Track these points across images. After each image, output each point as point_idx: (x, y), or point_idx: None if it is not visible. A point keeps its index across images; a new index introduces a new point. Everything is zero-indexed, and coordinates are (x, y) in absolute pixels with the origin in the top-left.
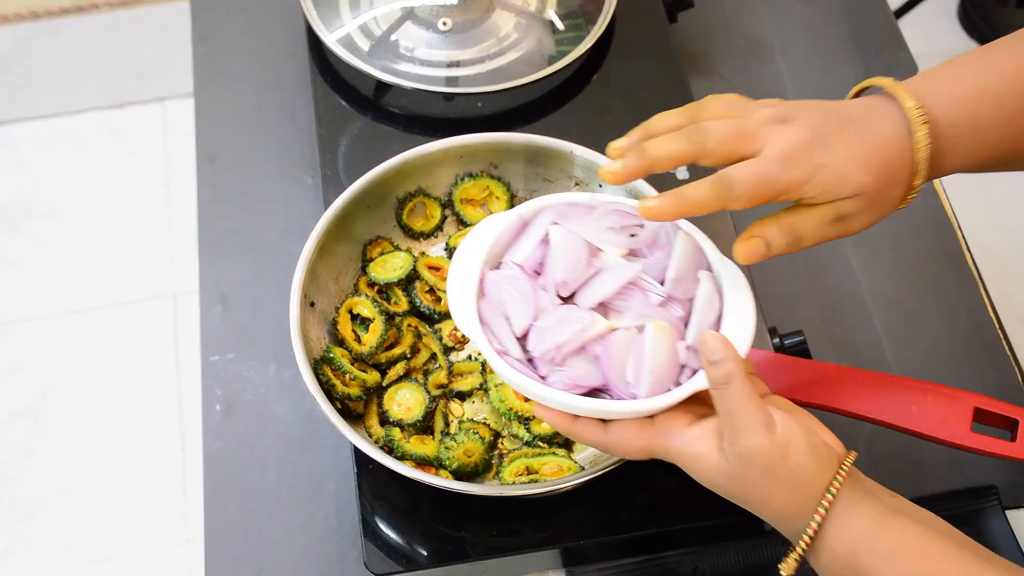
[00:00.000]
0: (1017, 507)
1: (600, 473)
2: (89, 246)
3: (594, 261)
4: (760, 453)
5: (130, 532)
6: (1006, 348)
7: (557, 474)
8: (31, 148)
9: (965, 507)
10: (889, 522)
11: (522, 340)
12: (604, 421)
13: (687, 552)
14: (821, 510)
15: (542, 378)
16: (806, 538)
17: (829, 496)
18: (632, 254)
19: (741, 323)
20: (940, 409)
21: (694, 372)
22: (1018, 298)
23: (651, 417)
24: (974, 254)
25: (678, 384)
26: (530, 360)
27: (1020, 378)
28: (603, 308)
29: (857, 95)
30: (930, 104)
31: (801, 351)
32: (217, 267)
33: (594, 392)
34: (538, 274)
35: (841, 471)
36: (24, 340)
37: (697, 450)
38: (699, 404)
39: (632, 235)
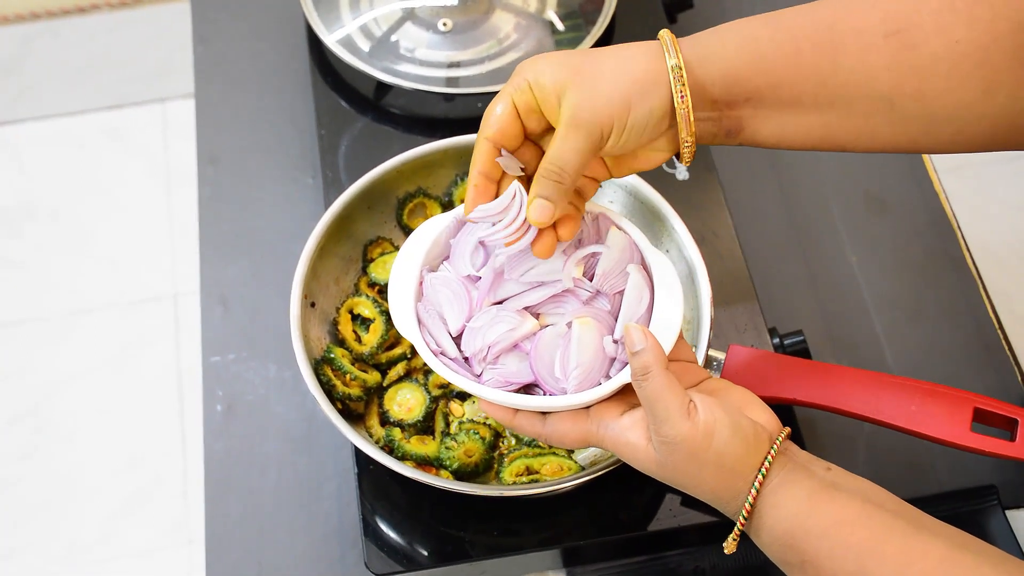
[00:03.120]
0: (1017, 507)
1: (600, 473)
2: (90, 247)
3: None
4: (684, 440)
5: (132, 533)
6: (1006, 348)
7: (557, 474)
8: (32, 149)
9: (965, 507)
10: (824, 498)
11: (458, 340)
12: (543, 413)
13: (687, 552)
14: (753, 490)
15: (477, 376)
16: (741, 519)
17: (759, 476)
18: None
19: (669, 317)
20: (940, 409)
21: (624, 365)
22: (1018, 298)
23: (587, 408)
24: (974, 254)
25: (608, 377)
26: (467, 359)
27: (1020, 378)
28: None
29: None
30: (693, 38)
31: (801, 351)
32: (218, 268)
33: (528, 388)
34: (478, 277)
35: (771, 450)
36: (26, 342)
37: (627, 439)
38: (632, 394)
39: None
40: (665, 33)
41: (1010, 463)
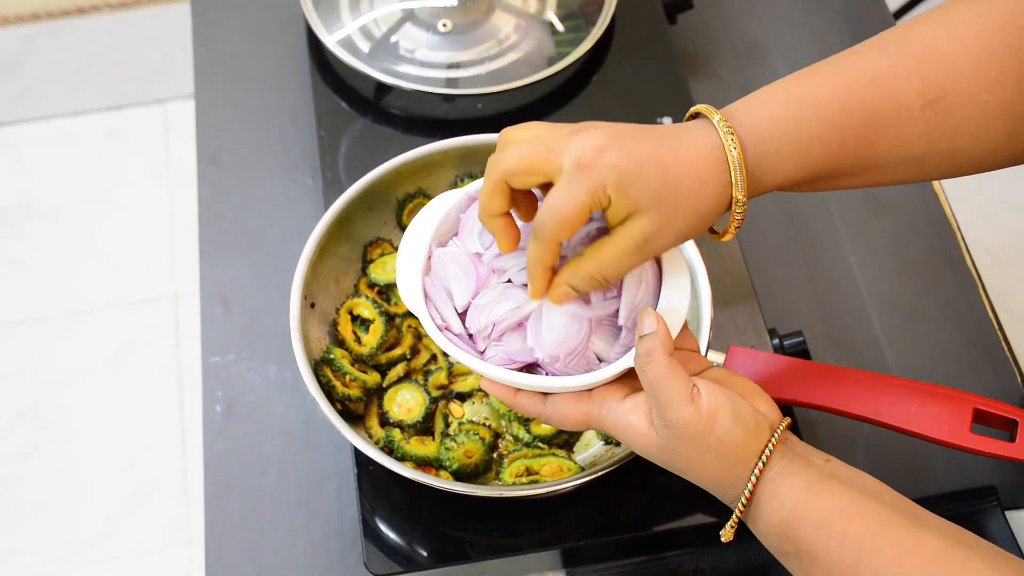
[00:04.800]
0: (1016, 508)
1: (600, 474)
2: (90, 247)
3: None
4: (686, 425)
5: (132, 532)
6: (1005, 349)
7: (557, 475)
8: (32, 150)
9: (964, 508)
10: (823, 488)
11: (463, 316)
12: (544, 393)
13: (687, 552)
14: (753, 478)
15: (481, 353)
16: (740, 505)
17: (760, 464)
18: None
19: (675, 302)
20: (939, 410)
21: (627, 349)
22: (1017, 299)
23: (589, 390)
24: (973, 255)
25: (594, 345)
26: (471, 335)
27: (1019, 379)
28: None
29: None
30: (738, 117)
31: (800, 352)
32: (218, 268)
33: (531, 367)
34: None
35: (772, 438)
36: (26, 341)
37: (629, 422)
38: (635, 379)
39: None
40: (734, 156)
41: (1010, 464)
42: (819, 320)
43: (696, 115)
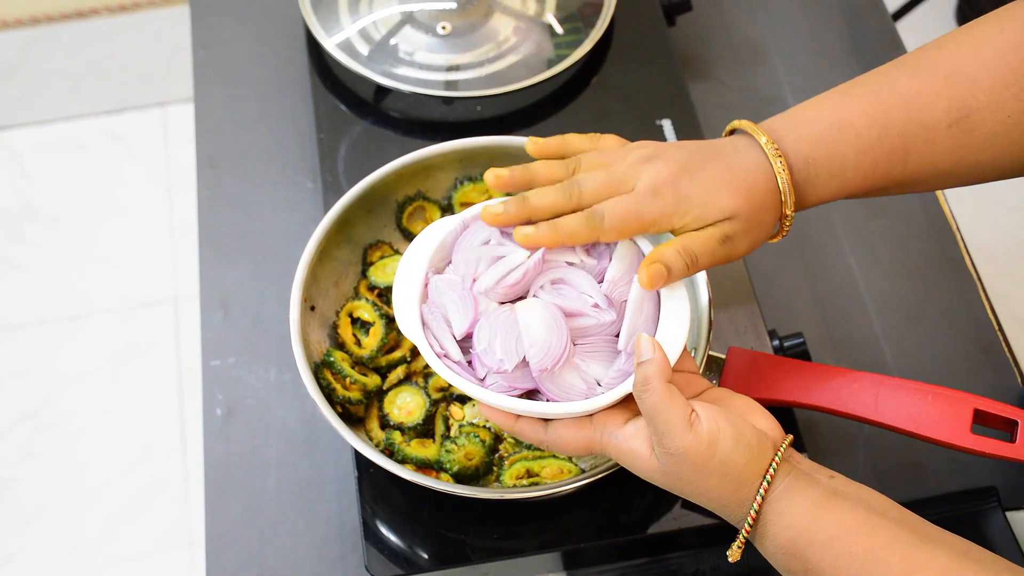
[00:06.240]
0: (1017, 508)
1: (600, 476)
2: (91, 251)
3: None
4: (686, 452)
5: (132, 535)
6: (1005, 350)
7: (557, 477)
8: (32, 153)
9: (965, 509)
10: (828, 506)
11: (461, 342)
12: (545, 420)
13: (688, 554)
14: (758, 498)
15: (480, 380)
16: (746, 525)
17: (764, 484)
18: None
19: (674, 329)
20: (940, 411)
21: (628, 375)
22: (1017, 300)
23: (590, 415)
24: (973, 256)
25: (587, 373)
26: (470, 362)
27: (1019, 379)
28: None
29: (728, 135)
30: (784, 141)
31: (801, 353)
32: (218, 271)
33: (531, 394)
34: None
35: (775, 458)
36: (27, 344)
37: (631, 447)
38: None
39: None
40: (783, 178)
41: (1010, 464)
42: (819, 321)
43: (735, 130)
